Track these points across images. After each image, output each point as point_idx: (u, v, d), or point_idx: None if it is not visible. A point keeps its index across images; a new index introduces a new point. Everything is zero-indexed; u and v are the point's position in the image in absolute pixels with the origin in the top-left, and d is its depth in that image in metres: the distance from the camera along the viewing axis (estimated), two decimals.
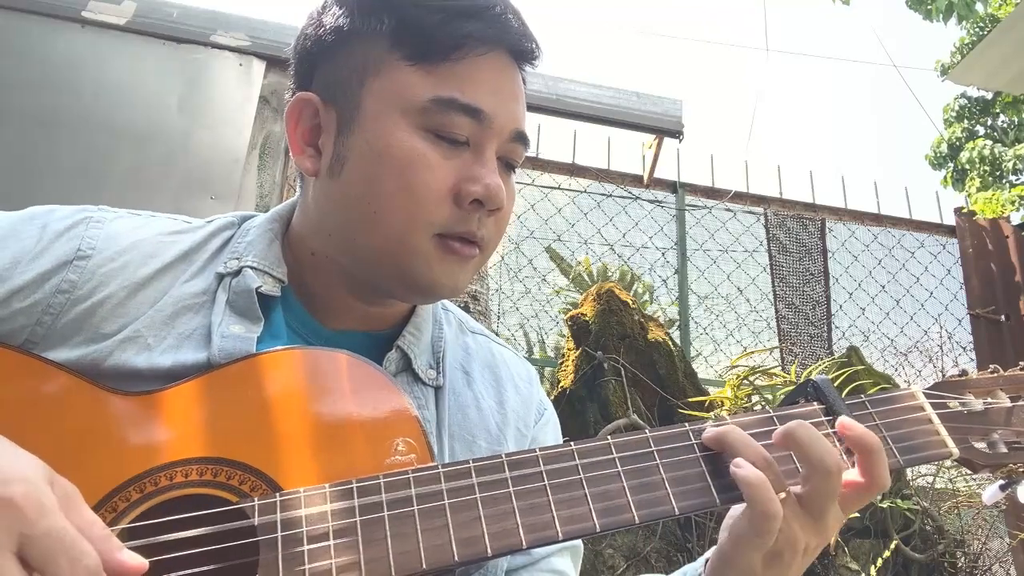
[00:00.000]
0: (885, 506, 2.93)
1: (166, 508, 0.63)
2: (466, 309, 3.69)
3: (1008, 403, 0.81)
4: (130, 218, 0.84)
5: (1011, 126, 13.55)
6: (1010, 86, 4.81)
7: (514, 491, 0.65)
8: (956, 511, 3.36)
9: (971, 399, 0.81)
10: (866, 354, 4.03)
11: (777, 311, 4.67)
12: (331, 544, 0.60)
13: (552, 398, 3.16)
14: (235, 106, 3.25)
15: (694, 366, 3.71)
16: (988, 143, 12.17)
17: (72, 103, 3.06)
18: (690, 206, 4.79)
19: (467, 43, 0.76)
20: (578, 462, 0.68)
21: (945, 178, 13.20)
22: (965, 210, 5.22)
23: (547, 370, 4.28)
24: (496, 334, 1.09)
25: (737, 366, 3.51)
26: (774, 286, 4.72)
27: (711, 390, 3.42)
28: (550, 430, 0.95)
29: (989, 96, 13.08)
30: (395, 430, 0.70)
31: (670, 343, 3.40)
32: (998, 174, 11.76)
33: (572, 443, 0.70)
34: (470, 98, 0.76)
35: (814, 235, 4.88)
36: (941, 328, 4.84)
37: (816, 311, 4.72)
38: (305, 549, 0.60)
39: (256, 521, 0.61)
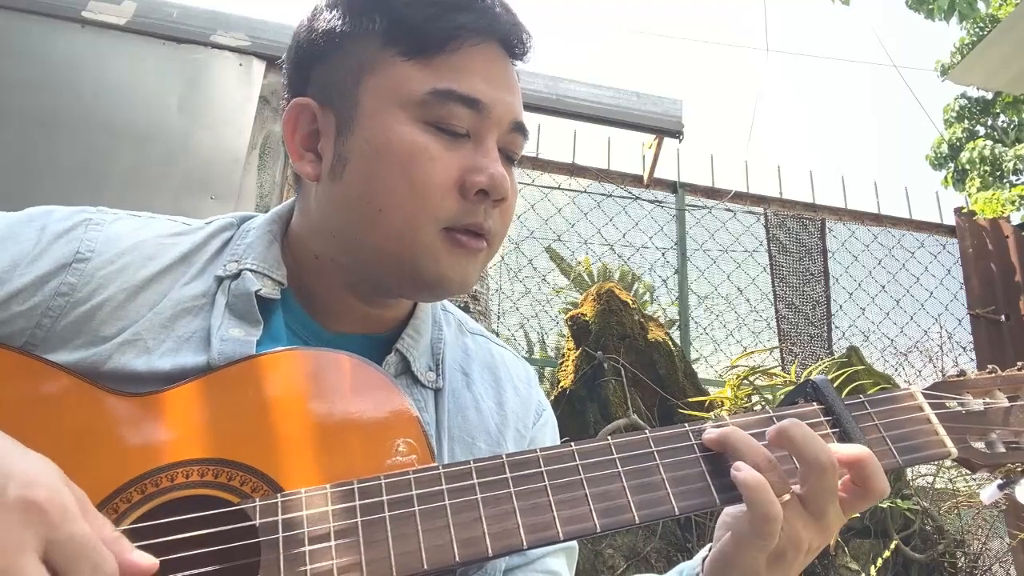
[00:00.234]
0: (885, 506, 2.93)
1: (168, 509, 0.63)
2: (466, 309, 3.69)
3: (1006, 403, 0.82)
4: (129, 220, 0.84)
5: (1011, 126, 13.54)
6: (1010, 86, 4.81)
7: (515, 491, 0.65)
8: (956, 511, 3.36)
9: (969, 399, 0.82)
10: (866, 354, 4.03)
11: (777, 311, 4.67)
12: (332, 545, 0.60)
13: (552, 398, 3.16)
14: (235, 106, 3.26)
15: (694, 366, 3.71)
16: (988, 143, 12.17)
17: (72, 103, 3.06)
18: (690, 206, 4.79)
19: (460, 34, 0.77)
20: (579, 462, 0.68)
21: (946, 178, 13.20)
22: (965, 210, 5.22)
23: (547, 370, 4.29)
24: (496, 334, 1.09)
25: (737, 366, 3.51)
26: (774, 286, 4.72)
27: (711, 390, 3.43)
28: (548, 431, 0.95)
29: (989, 96, 13.09)
30: (396, 431, 0.70)
31: (670, 343, 3.40)
32: (998, 174, 11.76)
33: (572, 443, 0.70)
34: (467, 88, 0.76)
35: (814, 235, 4.88)
36: (941, 328, 4.84)
37: (816, 311, 4.72)
38: (306, 550, 0.60)
39: (257, 522, 0.61)
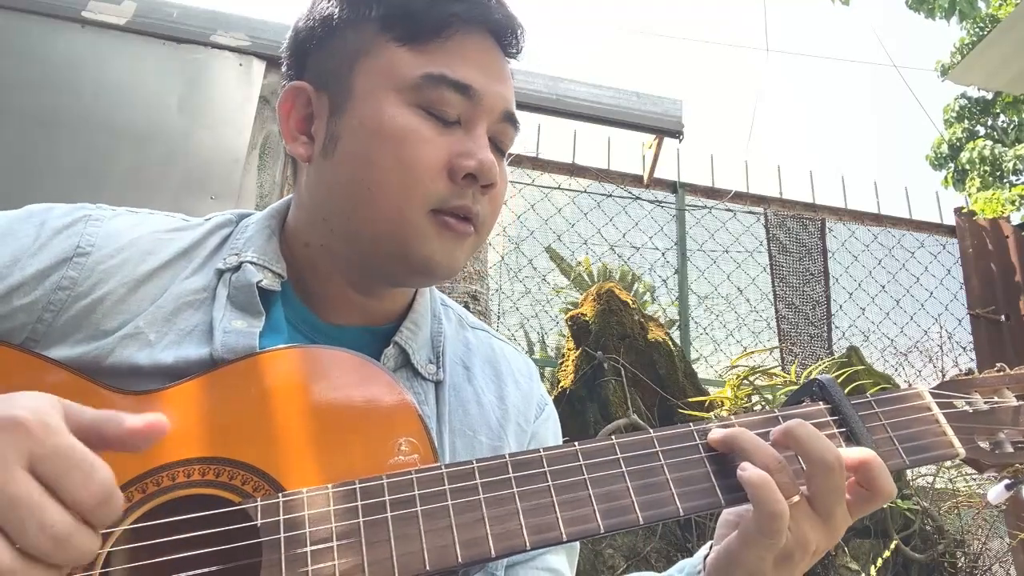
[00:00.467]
0: (885, 506, 2.93)
1: (168, 509, 0.63)
2: (465, 308, 3.68)
3: (1015, 402, 0.81)
4: (128, 215, 0.84)
5: (1011, 126, 13.54)
6: (1010, 86, 4.81)
7: (518, 492, 0.65)
8: (956, 511, 3.36)
9: (977, 398, 0.81)
10: (866, 354, 4.03)
11: (777, 311, 4.67)
12: (334, 545, 0.60)
13: (552, 398, 3.14)
14: (235, 106, 3.25)
15: (694, 366, 3.71)
16: (988, 143, 12.17)
17: (72, 103, 3.06)
18: (690, 206, 4.79)
19: (453, 22, 0.79)
20: (582, 463, 0.68)
21: (946, 178, 13.19)
22: (965, 210, 5.22)
23: (547, 370, 4.28)
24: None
25: (737, 366, 3.51)
26: (774, 286, 4.72)
27: (711, 390, 3.42)
28: (550, 426, 0.95)
29: (989, 96, 13.08)
30: (398, 430, 0.69)
31: (670, 343, 3.40)
32: (998, 174, 11.75)
33: (576, 443, 0.69)
34: (459, 75, 0.78)
35: (814, 235, 4.88)
36: (941, 328, 4.84)
37: (816, 311, 4.72)
38: (308, 550, 0.60)
39: (259, 522, 0.61)
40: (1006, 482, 0.82)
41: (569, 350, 3.41)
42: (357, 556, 0.60)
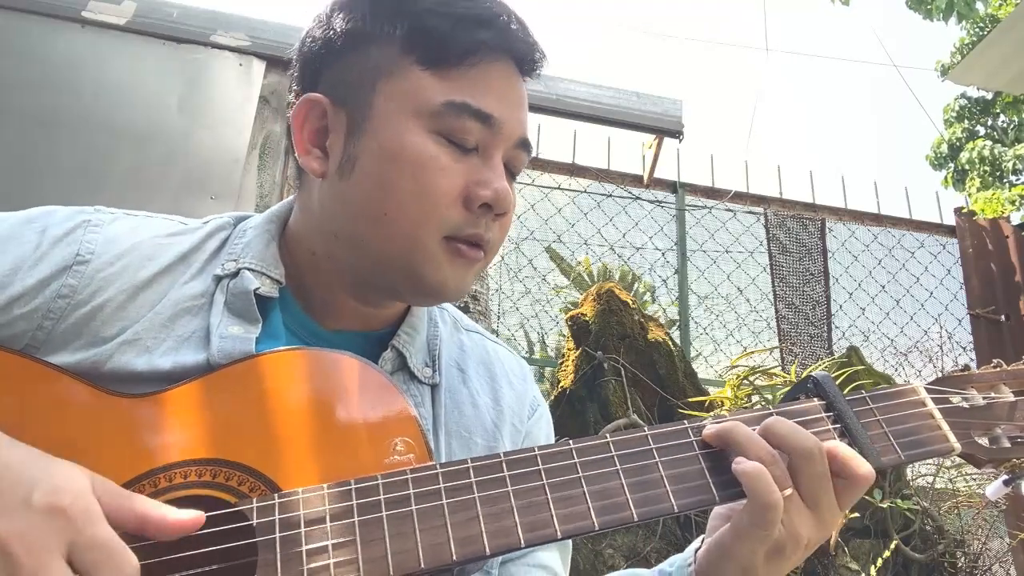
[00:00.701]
0: (885, 506, 2.93)
1: None
2: (465, 309, 3.69)
3: (1011, 398, 0.81)
4: (127, 219, 0.84)
5: (1011, 126, 13.53)
6: (1010, 86, 4.81)
7: (512, 490, 0.65)
8: (956, 511, 3.36)
9: (974, 394, 0.81)
10: (866, 354, 4.03)
11: (777, 311, 4.67)
12: (329, 544, 0.60)
13: (552, 398, 3.16)
14: (235, 106, 3.25)
15: (694, 366, 3.71)
16: (988, 143, 12.16)
17: (72, 103, 3.06)
18: (690, 206, 4.79)
19: (480, 50, 0.78)
20: (576, 460, 0.68)
21: (946, 178, 13.19)
22: (965, 210, 5.22)
23: (547, 370, 4.29)
24: (496, 334, 1.09)
25: (737, 366, 3.51)
26: (774, 286, 4.72)
27: (711, 390, 3.42)
28: (543, 424, 0.96)
29: (989, 96, 13.08)
30: (394, 430, 0.70)
31: (670, 343, 3.40)
32: (998, 174, 11.75)
33: (571, 441, 0.70)
34: (481, 103, 0.77)
35: (814, 235, 4.88)
36: (941, 328, 4.84)
37: (816, 311, 4.72)
38: (303, 549, 0.60)
39: (254, 522, 0.61)
40: (1004, 478, 0.82)
41: (569, 350, 3.41)
42: (352, 554, 0.60)
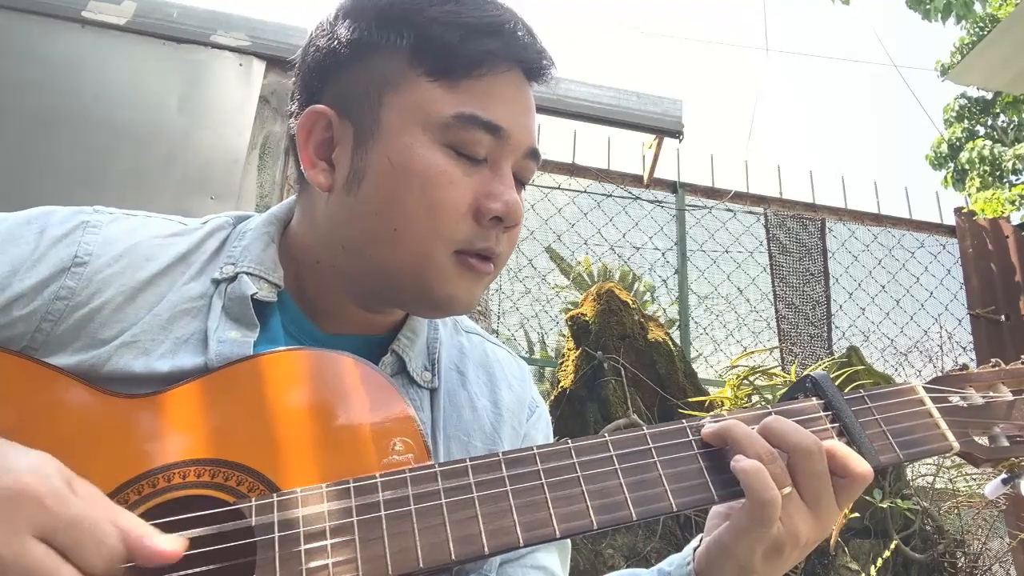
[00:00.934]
0: (885, 506, 2.93)
1: (165, 510, 0.63)
2: None
3: (1010, 397, 0.81)
4: (126, 220, 0.84)
5: (1011, 126, 13.53)
6: (1010, 86, 4.81)
7: (511, 489, 0.65)
8: (956, 511, 3.36)
9: (972, 393, 0.81)
10: (866, 354, 4.03)
11: (777, 311, 4.67)
12: (328, 544, 0.60)
13: (552, 398, 3.15)
14: (235, 106, 3.26)
15: (694, 366, 3.71)
16: (988, 143, 12.15)
17: (72, 103, 3.06)
18: (690, 206, 4.79)
19: (488, 60, 0.76)
20: (575, 460, 0.68)
21: (945, 178, 13.18)
22: (965, 210, 5.21)
23: (547, 370, 4.29)
24: (496, 334, 1.09)
25: (737, 366, 3.51)
26: (774, 286, 4.72)
27: (711, 390, 3.42)
28: (542, 426, 0.95)
29: (989, 96, 13.07)
30: (392, 430, 0.70)
31: (670, 343, 3.40)
32: (998, 174, 11.74)
33: (569, 441, 0.70)
34: (491, 115, 0.76)
35: (814, 235, 4.88)
36: (941, 328, 4.83)
37: (816, 311, 4.72)
38: (302, 549, 0.60)
39: (253, 521, 0.61)
40: (1003, 476, 0.82)
41: (569, 350, 3.41)
42: (351, 553, 0.60)
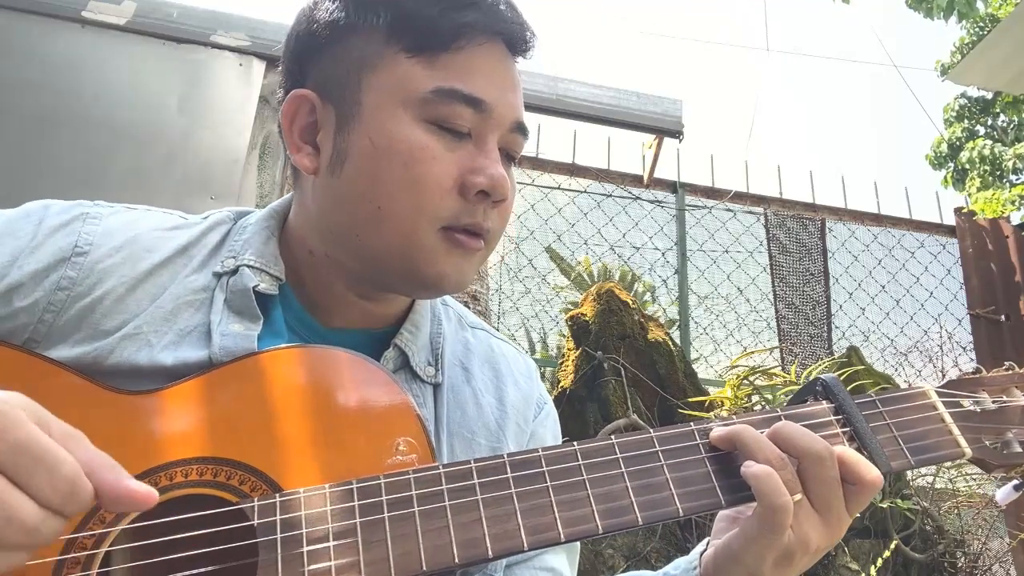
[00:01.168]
0: (885, 506, 2.93)
1: (166, 508, 0.62)
2: (465, 309, 3.68)
3: (1023, 401, 0.80)
4: (126, 212, 0.83)
5: (1011, 126, 13.53)
6: (1010, 86, 4.81)
7: (516, 492, 0.65)
8: (956, 511, 3.36)
9: (985, 397, 0.80)
10: (866, 354, 4.03)
11: (777, 311, 4.67)
12: (331, 545, 0.60)
13: (552, 398, 3.14)
14: (235, 106, 3.25)
15: (694, 366, 3.71)
16: (988, 143, 12.15)
17: (72, 103, 3.06)
18: (690, 206, 4.79)
19: (466, 33, 0.76)
20: (581, 463, 0.68)
21: (945, 178, 13.18)
22: (965, 210, 5.22)
23: (547, 370, 4.28)
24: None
25: (737, 366, 3.51)
26: (774, 286, 4.72)
27: (711, 390, 3.42)
28: (549, 425, 0.95)
29: (989, 96, 13.07)
30: (396, 430, 0.69)
31: (670, 343, 3.40)
32: (998, 174, 11.74)
33: (575, 443, 0.69)
34: (471, 88, 0.75)
35: (814, 235, 4.88)
36: (941, 328, 4.83)
37: (816, 311, 4.72)
38: (305, 550, 0.60)
39: (256, 522, 0.61)
40: (1015, 482, 0.81)
41: (569, 350, 3.41)
42: (354, 556, 0.60)
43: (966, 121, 13.71)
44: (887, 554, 2.88)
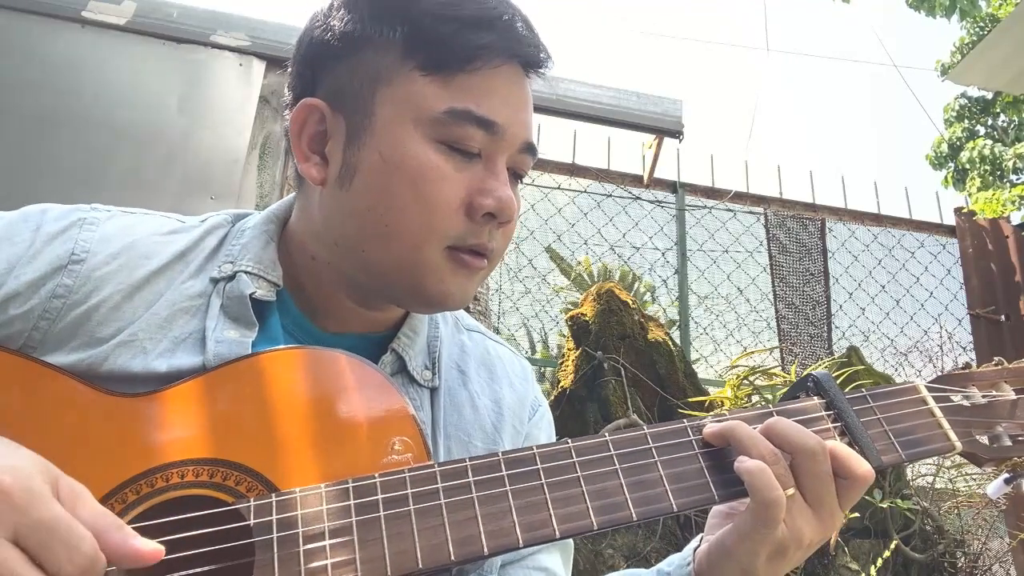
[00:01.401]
0: (885, 506, 2.93)
1: (163, 509, 0.62)
2: (466, 309, 3.68)
3: (1012, 396, 0.81)
4: (123, 217, 0.83)
5: (1011, 126, 13.52)
6: (1010, 86, 4.81)
7: (511, 490, 0.65)
8: (956, 511, 3.36)
9: (975, 392, 0.81)
10: (866, 354, 4.03)
11: (777, 311, 4.67)
12: (327, 544, 0.60)
13: (552, 398, 3.15)
14: (235, 106, 3.26)
15: (694, 366, 3.71)
16: (988, 143, 12.14)
17: (72, 103, 3.06)
18: (690, 206, 4.79)
19: (482, 54, 0.75)
20: (575, 460, 0.68)
21: (946, 178, 13.17)
22: (965, 210, 5.22)
23: (547, 370, 4.29)
24: (496, 334, 1.09)
25: (737, 366, 3.51)
26: (774, 286, 4.72)
27: (711, 390, 3.42)
28: (544, 426, 0.95)
29: (989, 96, 13.07)
30: (392, 429, 0.69)
31: (670, 343, 3.40)
32: (998, 174, 11.73)
33: (569, 441, 0.70)
34: (485, 110, 0.75)
35: (814, 235, 4.88)
36: (941, 328, 4.83)
37: (816, 311, 4.72)
38: (301, 550, 0.60)
39: (252, 522, 0.61)
40: (1005, 476, 0.82)
41: (569, 350, 3.41)
42: (350, 554, 0.60)
43: (966, 121, 13.70)
44: (887, 554, 2.88)
